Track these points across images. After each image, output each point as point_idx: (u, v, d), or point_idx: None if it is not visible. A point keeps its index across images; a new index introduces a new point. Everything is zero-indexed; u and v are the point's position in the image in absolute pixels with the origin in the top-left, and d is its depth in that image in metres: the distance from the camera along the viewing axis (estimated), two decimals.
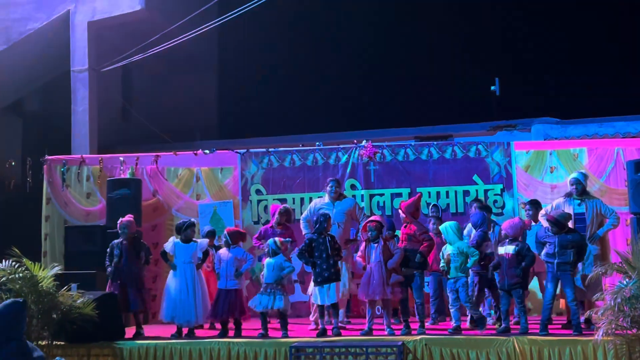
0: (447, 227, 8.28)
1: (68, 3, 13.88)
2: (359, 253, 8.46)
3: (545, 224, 8.29)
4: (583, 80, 17.30)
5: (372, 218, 8.57)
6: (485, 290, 8.70)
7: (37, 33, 13.97)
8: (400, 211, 8.57)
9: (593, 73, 17.24)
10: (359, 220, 9.29)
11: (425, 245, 8.26)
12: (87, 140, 13.42)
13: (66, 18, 13.86)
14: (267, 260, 8.45)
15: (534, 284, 9.37)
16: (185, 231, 8.72)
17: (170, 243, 8.73)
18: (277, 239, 8.61)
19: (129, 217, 9.05)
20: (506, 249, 8.00)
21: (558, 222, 7.94)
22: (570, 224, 8.35)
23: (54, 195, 11.33)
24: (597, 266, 7.77)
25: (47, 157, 11.46)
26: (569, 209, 8.66)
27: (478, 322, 8.04)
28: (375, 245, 8.21)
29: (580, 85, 17.21)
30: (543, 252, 8.01)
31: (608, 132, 12.23)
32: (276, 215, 9.56)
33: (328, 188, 9.41)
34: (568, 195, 8.89)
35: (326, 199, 9.46)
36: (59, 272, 8.40)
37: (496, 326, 8.22)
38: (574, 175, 8.96)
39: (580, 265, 8.35)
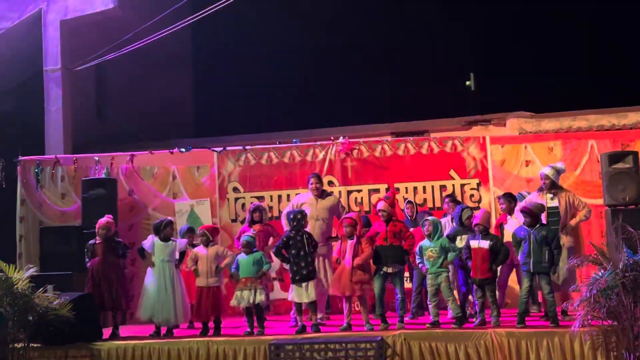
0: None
1: (40, 1, 13.70)
2: (337, 248, 8.45)
3: (521, 219, 8.32)
4: (556, 74, 17.46)
5: (347, 215, 8.57)
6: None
7: (9, 32, 13.79)
8: (384, 205, 8.46)
9: (566, 67, 17.40)
10: (340, 216, 9.29)
11: (409, 242, 8.29)
12: (61, 140, 13.27)
13: (38, 17, 13.69)
14: (242, 256, 8.39)
15: (512, 277, 9.43)
16: (164, 230, 8.67)
17: (149, 241, 8.68)
18: (250, 234, 8.61)
19: (107, 218, 8.95)
20: (480, 244, 8.02)
21: (532, 213, 7.99)
22: (543, 217, 8.43)
23: (28, 196, 11.22)
24: (572, 258, 7.85)
25: (20, 157, 11.33)
26: (541, 203, 8.74)
27: (457, 320, 8.03)
28: (350, 241, 8.21)
29: (554, 79, 17.36)
30: (519, 250, 8.03)
31: (581, 125, 12.37)
32: (247, 215, 9.57)
33: (310, 185, 9.36)
34: (541, 189, 8.97)
35: (309, 194, 9.42)
36: (35, 273, 8.31)
37: (473, 319, 8.27)
38: (543, 170, 9.05)
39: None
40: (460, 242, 8.43)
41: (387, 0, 18.18)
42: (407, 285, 9.26)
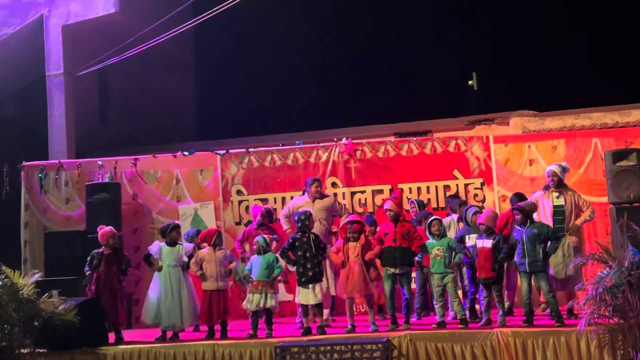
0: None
1: (42, 7, 13.74)
2: (334, 249, 8.39)
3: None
4: (559, 72, 17.44)
5: (352, 218, 8.45)
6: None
7: (11, 38, 13.82)
8: (391, 204, 8.40)
9: (569, 65, 17.38)
10: (340, 214, 9.30)
11: (417, 243, 8.23)
12: (65, 145, 13.29)
13: (40, 22, 13.72)
14: (256, 258, 8.37)
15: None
16: (170, 233, 8.65)
17: (156, 246, 8.65)
18: (265, 236, 8.59)
19: (110, 229, 8.82)
20: (483, 243, 7.99)
21: (524, 210, 7.95)
22: (549, 216, 8.38)
23: (32, 202, 11.24)
24: (577, 257, 7.84)
25: (24, 163, 11.36)
26: (547, 202, 8.73)
27: (462, 321, 8.02)
28: (355, 243, 8.18)
29: (557, 78, 17.35)
30: (515, 253, 7.99)
31: (585, 123, 12.35)
32: (258, 217, 9.54)
33: (313, 188, 9.30)
34: (546, 188, 8.96)
35: (306, 196, 9.40)
36: (40, 279, 8.33)
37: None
38: (551, 167, 9.04)
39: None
40: (469, 242, 8.41)
41: (388, 0, 18.17)
42: (412, 285, 9.24)
